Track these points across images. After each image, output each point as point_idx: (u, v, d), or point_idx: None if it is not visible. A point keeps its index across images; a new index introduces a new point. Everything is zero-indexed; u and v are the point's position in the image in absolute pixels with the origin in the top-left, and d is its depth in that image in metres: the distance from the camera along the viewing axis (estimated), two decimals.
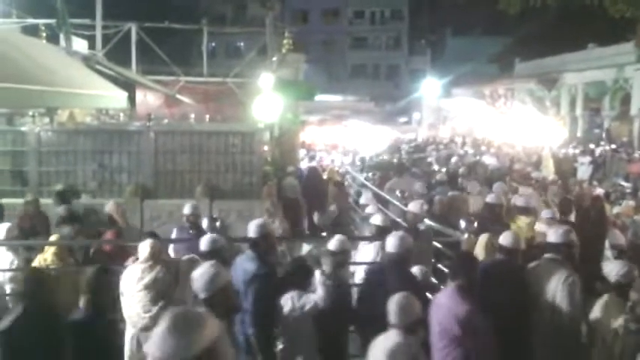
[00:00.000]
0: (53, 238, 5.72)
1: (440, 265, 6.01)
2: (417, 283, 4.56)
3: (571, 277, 4.38)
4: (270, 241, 4.81)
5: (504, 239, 4.84)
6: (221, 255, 4.55)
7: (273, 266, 4.75)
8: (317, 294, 4.20)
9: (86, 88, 7.88)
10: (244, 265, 4.58)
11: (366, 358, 3.36)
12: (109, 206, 6.98)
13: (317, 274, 4.30)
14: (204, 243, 4.70)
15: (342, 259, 4.76)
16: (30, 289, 3.85)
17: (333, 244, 4.84)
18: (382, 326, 3.50)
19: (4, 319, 3.76)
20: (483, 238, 5.25)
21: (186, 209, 6.70)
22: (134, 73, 11.83)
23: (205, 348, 2.36)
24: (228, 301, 3.42)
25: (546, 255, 4.65)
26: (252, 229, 4.74)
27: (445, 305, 4.00)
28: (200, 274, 3.39)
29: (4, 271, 5.53)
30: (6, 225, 5.89)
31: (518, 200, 7.38)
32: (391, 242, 4.56)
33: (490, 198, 7.13)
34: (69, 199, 7.40)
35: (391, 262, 4.56)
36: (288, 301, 4.26)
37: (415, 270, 4.85)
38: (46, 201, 7.65)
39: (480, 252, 5.15)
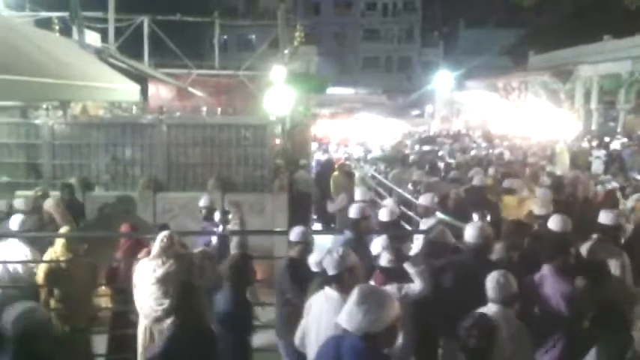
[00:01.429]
0: (63, 230, 5.67)
1: None
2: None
3: (622, 257, 4.61)
4: (369, 223, 5.03)
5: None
6: (310, 245, 4.74)
7: (369, 250, 4.79)
8: (417, 284, 4.17)
9: (99, 81, 7.90)
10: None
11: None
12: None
13: (407, 265, 4.26)
14: (294, 234, 4.80)
15: (438, 246, 4.81)
16: (184, 304, 3.66)
17: (433, 233, 4.94)
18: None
19: (159, 340, 3.58)
20: None
21: (202, 202, 7.00)
22: (146, 66, 11.88)
23: (389, 325, 2.62)
24: (356, 280, 3.64)
25: (595, 235, 4.85)
26: (352, 211, 5.02)
27: (550, 288, 4.05)
28: (332, 253, 3.76)
29: (17, 262, 5.45)
30: (20, 217, 5.76)
31: (504, 183, 8.19)
32: (470, 233, 4.53)
33: (476, 181, 8.01)
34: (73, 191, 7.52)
35: (470, 251, 4.53)
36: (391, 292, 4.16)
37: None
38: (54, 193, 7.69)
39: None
